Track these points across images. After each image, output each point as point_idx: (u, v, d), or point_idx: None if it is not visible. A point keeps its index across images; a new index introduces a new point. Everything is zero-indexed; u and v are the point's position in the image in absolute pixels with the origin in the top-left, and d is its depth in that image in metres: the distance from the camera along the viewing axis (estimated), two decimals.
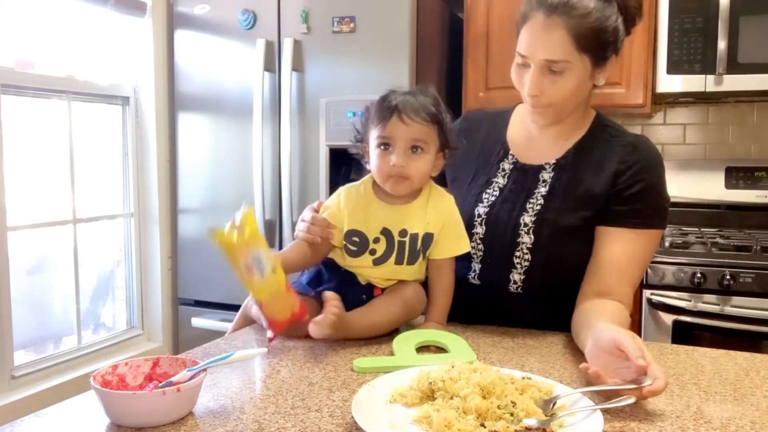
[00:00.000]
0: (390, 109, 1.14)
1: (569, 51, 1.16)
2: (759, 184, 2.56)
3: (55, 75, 2.43)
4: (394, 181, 1.16)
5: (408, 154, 1.14)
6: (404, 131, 1.14)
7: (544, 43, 1.16)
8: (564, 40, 1.15)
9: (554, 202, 1.25)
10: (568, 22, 1.15)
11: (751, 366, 1.07)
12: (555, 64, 1.17)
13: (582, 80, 1.20)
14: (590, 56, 1.18)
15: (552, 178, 1.27)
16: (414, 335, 1.14)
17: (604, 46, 1.19)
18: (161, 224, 2.79)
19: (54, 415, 0.86)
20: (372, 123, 1.17)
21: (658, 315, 2.12)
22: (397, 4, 2.30)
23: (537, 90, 1.20)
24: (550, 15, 1.15)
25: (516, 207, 1.27)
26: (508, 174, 1.32)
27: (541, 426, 0.79)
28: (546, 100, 1.21)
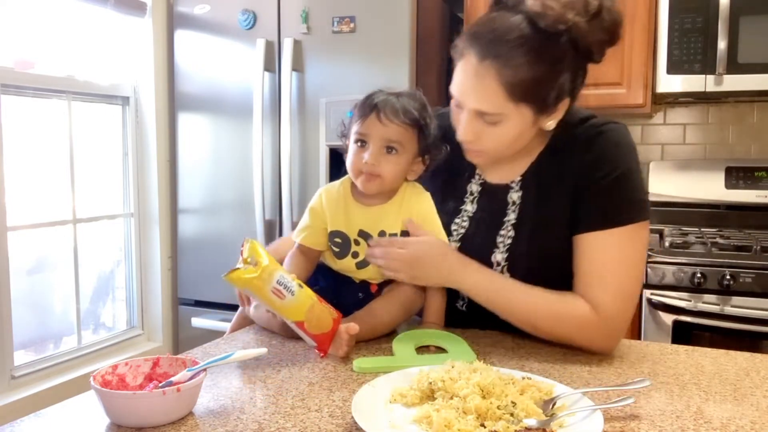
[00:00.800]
0: (370, 107, 1.13)
1: (502, 103, 1.04)
2: (759, 184, 2.56)
3: (55, 75, 2.43)
4: (365, 178, 1.14)
5: (382, 153, 1.12)
6: (380, 130, 1.12)
7: (475, 92, 1.05)
8: (496, 92, 1.03)
9: (524, 230, 1.16)
10: (500, 72, 1.01)
11: (751, 366, 1.07)
12: (488, 115, 1.06)
13: (522, 129, 1.08)
14: (530, 106, 1.05)
15: (520, 200, 1.18)
16: (414, 336, 1.14)
17: (545, 96, 1.05)
18: (161, 224, 2.79)
19: (54, 415, 0.86)
20: (354, 118, 1.16)
21: (658, 315, 2.12)
22: (397, 4, 2.30)
23: (471, 136, 1.09)
24: (482, 59, 1.02)
25: (486, 241, 1.19)
26: (476, 198, 1.23)
27: (541, 426, 0.79)
28: (481, 146, 1.11)
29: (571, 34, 1.02)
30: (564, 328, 1.11)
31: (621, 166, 1.12)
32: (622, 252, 1.10)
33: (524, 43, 1.01)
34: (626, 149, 1.15)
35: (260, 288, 1.02)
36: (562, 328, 1.12)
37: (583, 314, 1.09)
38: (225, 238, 2.63)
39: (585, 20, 1.02)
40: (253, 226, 2.54)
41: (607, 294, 1.09)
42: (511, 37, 1.01)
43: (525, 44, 1.01)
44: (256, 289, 1.02)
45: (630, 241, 1.11)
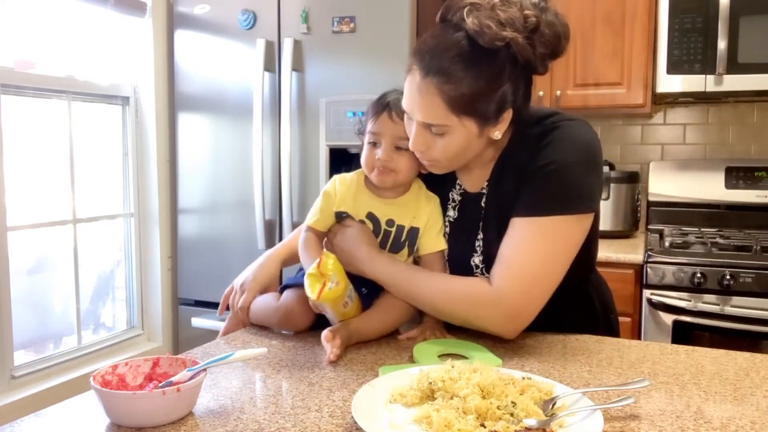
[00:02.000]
0: (382, 106, 1.17)
1: (445, 116, 1.06)
2: (759, 184, 2.56)
3: (55, 75, 2.43)
4: (378, 172, 1.18)
5: (394, 150, 1.17)
6: (392, 128, 1.16)
7: (419, 105, 1.08)
8: (438, 105, 1.06)
9: (491, 230, 1.19)
10: (441, 87, 1.04)
11: (751, 366, 1.07)
12: (434, 126, 1.08)
13: (468, 140, 1.10)
14: (473, 119, 1.08)
15: (485, 203, 1.21)
16: (434, 344, 1.13)
17: (486, 109, 1.07)
18: (161, 224, 2.79)
19: (54, 415, 0.86)
20: (367, 117, 1.21)
21: (658, 315, 2.12)
22: (397, 4, 2.31)
23: (421, 146, 1.11)
24: (425, 75, 1.06)
25: (465, 246, 1.22)
26: (457, 205, 1.26)
27: (541, 426, 0.79)
28: (431, 155, 1.13)
29: (509, 50, 1.04)
30: (462, 307, 1.13)
31: (558, 159, 1.12)
32: (536, 240, 1.11)
33: (463, 60, 1.04)
34: (575, 144, 1.14)
35: (336, 304, 1.11)
36: (461, 308, 1.14)
37: (479, 292, 1.11)
38: (225, 238, 2.63)
39: (523, 36, 1.04)
40: (253, 226, 2.54)
41: (509, 272, 1.10)
42: (450, 54, 1.05)
43: (463, 60, 1.04)
44: (333, 305, 1.11)
45: (548, 233, 1.11)
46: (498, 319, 1.11)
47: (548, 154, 1.12)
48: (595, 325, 1.32)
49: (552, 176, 1.11)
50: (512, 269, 1.10)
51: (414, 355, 1.08)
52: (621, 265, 2.21)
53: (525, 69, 1.09)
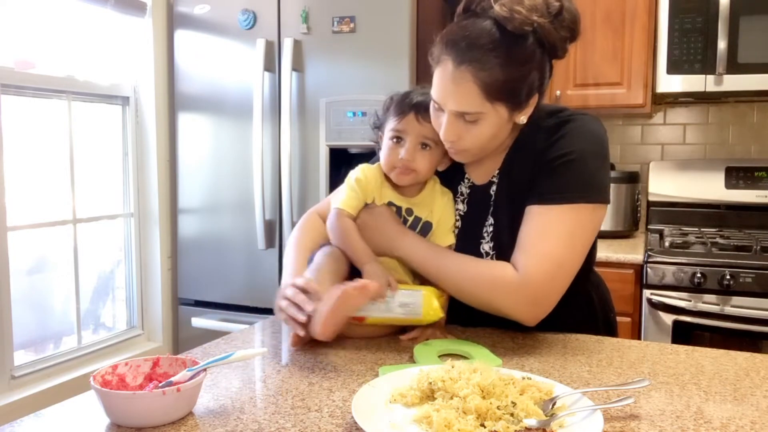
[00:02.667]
0: (409, 106, 1.20)
1: (480, 103, 1.10)
2: (759, 184, 2.56)
3: (55, 75, 2.43)
4: (399, 171, 1.21)
5: (417, 150, 1.20)
6: (417, 128, 1.19)
7: (454, 94, 1.10)
8: (473, 93, 1.09)
9: (502, 216, 1.21)
10: (476, 75, 1.07)
11: (751, 366, 1.07)
12: (468, 114, 1.11)
13: (499, 126, 1.14)
14: (505, 104, 1.11)
15: (495, 191, 1.24)
16: (435, 344, 1.13)
17: (518, 94, 1.11)
18: (161, 224, 2.79)
19: (54, 415, 0.86)
20: (390, 115, 1.23)
21: (658, 315, 2.12)
22: (397, 4, 2.30)
23: (453, 136, 1.14)
24: (459, 65, 1.08)
25: (475, 235, 1.24)
26: (466, 198, 1.29)
27: (541, 426, 0.79)
28: (463, 145, 1.16)
29: (536, 35, 1.09)
30: (486, 290, 1.14)
31: (577, 149, 1.15)
32: (558, 226, 1.13)
33: (496, 47, 1.08)
34: (588, 136, 1.18)
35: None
36: (485, 291, 1.15)
37: (505, 275, 1.13)
38: (225, 238, 2.63)
39: (548, 21, 1.09)
40: (253, 226, 2.54)
41: (534, 258, 1.12)
42: (483, 41, 1.08)
43: (496, 48, 1.08)
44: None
45: (570, 219, 1.14)
46: (522, 305, 1.13)
47: (566, 144, 1.16)
48: (594, 322, 1.33)
49: (572, 165, 1.14)
50: (537, 255, 1.12)
51: (414, 355, 1.08)
52: (621, 265, 2.21)
53: (549, 54, 1.13)
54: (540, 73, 1.13)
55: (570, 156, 1.14)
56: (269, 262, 2.55)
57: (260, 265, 2.55)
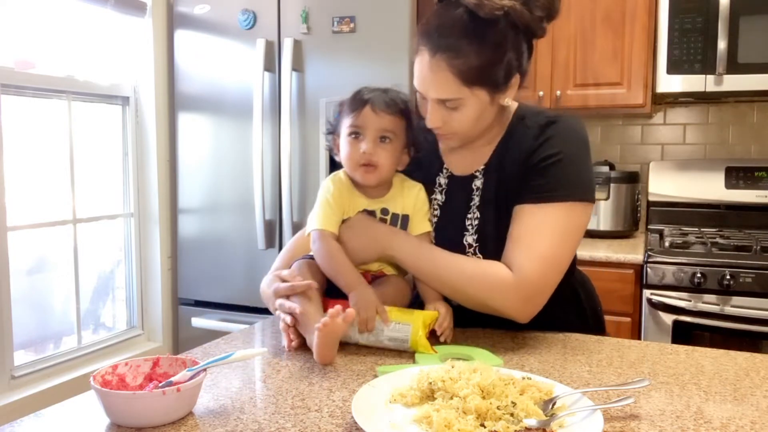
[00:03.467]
0: (363, 101, 1.20)
1: (458, 89, 1.12)
2: (759, 184, 2.56)
3: (55, 75, 2.43)
4: (364, 170, 1.19)
5: (377, 143, 1.18)
6: (375, 121, 1.18)
7: (432, 83, 1.13)
8: (450, 80, 1.11)
9: (487, 211, 1.23)
10: (451, 63, 1.10)
11: (751, 366, 1.07)
12: (448, 101, 1.14)
13: (482, 109, 1.16)
14: (483, 88, 1.13)
15: (482, 185, 1.25)
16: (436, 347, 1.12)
17: (495, 77, 1.13)
18: (161, 224, 2.79)
19: (54, 415, 0.86)
20: (344, 114, 1.22)
21: (658, 315, 2.12)
22: (397, 4, 2.31)
23: (438, 122, 1.17)
24: (434, 54, 1.11)
25: (457, 226, 1.25)
26: (444, 189, 1.30)
27: (541, 426, 0.79)
28: (448, 129, 1.18)
29: (508, 18, 1.10)
30: (482, 290, 1.15)
31: (565, 150, 1.18)
32: (550, 224, 1.16)
33: (467, 34, 1.10)
34: (575, 138, 1.21)
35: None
36: (481, 290, 1.15)
37: (500, 275, 1.14)
38: (225, 238, 2.63)
39: (519, 3, 1.10)
40: (253, 226, 2.54)
41: (527, 256, 1.14)
42: (455, 29, 1.11)
43: (468, 35, 1.10)
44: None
45: (561, 217, 1.16)
46: (516, 303, 1.14)
47: (554, 145, 1.17)
48: (584, 317, 1.36)
49: (561, 165, 1.16)
50: (531, 253, 1.13)
51: (416, 357, 1.08)
52: (621, 265, 2.21)
53: (525, 34, 1.15)
54: (516, 54, 1.14)
55: (558, 156, 1.16)
56: (269, 262, 2.53)
57: (260, 265, 2.55)
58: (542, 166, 1.17)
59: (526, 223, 1.16)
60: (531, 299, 1.15)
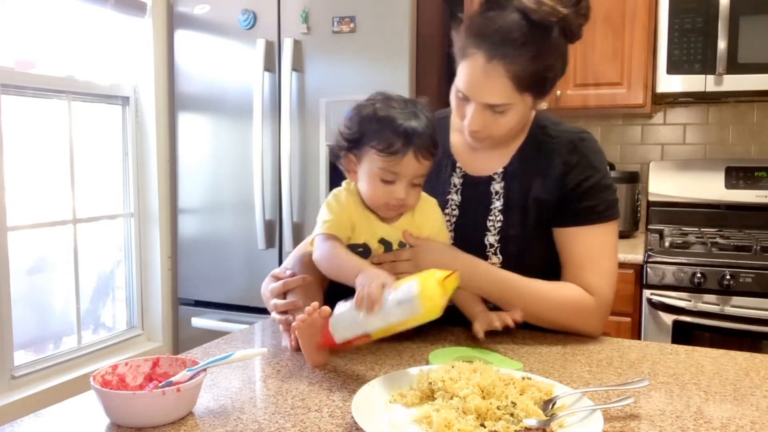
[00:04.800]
0: (405, 143, 1.07)
1: (510, 95, 1.13)
2: (759, 184, 2.55)
3: (55, 75, 2.43)
4: (389, 208, 1.13)
5: (411, 187, 1.12)
6: (415, 168, 1.10)
7: (485, 88, 1.12)
8: (505, 86, 1.11)
9: (511, 215, 1.25)
10: (509, 68, 1.10)
11: (751, 366, 1.07)
12: (497, 106, 1.14)
13: (524, 115, 1.19)
14: (532, 94, 1.15)
15: (503, 189, 1.26)
16: (451, 351, 1.12)
17: (544, 82, 1.15)
18: (161, 224, 2.79)
19: (54, 415, 0.86)
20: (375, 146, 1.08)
21: (658, 315, 2.12)
22: (397, 4, 2.30)
23: (479, 126, 1.17)
24: (490, 59, 1.10)
25: (477, 226, 1.26)
26: (459, 189, 1.30)
27: (541, 426, 0.79)
28: (487, 133, 1.19)
29: (561, 24, 1.12)
30: (568, 315, 1.21)
31: (603, 170, 1.26)
32: (607, 242, 1.24)
33: (527, 41, 1.10)
34: (603, 156, 1.29)
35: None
36: (564, 315, 1.21)
37: (582, 299, 1.20)
38: (225, 238, 2.63)
39: (571, 10, 1.12)
40: (253, 226, 2.54)
41: (599, 279, 1.21)
42: (514, 36, 1.10)
43: (527, 42, 1.10)
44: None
45: (611, 234, 1.25)
46: (597, 323, 1.22)
47: (592, 164, 1.24)
48: None
49: (602, 186, 1.24)
50: (602, 274, 1.22)
51: (429, 361, 1.06)
52: (621, 265, 2.18)
53: (570, 40, 1.17)
54: (563, 61, 1.17)
55: (597, 176, 1.23)
56: (269, 262, 2.54)
57: (260, 265, 2.55)
58: (586, 187, 1.22)
59: (588, 245, 1.22)
60: (606, 316, 1.23)
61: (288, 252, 2.48)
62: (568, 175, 1.23)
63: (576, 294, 1.20)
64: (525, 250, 1.24)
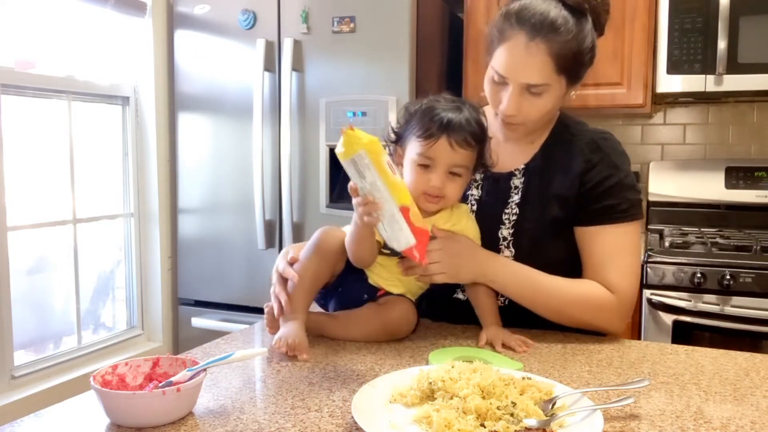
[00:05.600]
0: (440, 128, 1.11)
1: (550, 75, 1.16)
2: (759, 184, 2.56)
3: (55, 75, 2.43)
4: (428, 198, 1.15)
5: (447, 176, 1.13)
6: (449, 156, 1.12)
7: (526, 67, 1.16)
8: (546, 65, 1.15)
9: (528, 209, 1.27)
10: (551, 47, 1.14)
11: (751, 366, 1.07)
12: (535, 87, 1.17)
13: (558, 99, 1.22)
14: (567, 76, 1.19)
15: (523, 184, 1.29)
16: (451, 351, 1.12)
17: (581, 66, 1.21)
18: (161, 224, 2.79)
19: (54, 415, 0.86)
20: (415, 133, 1.14)
21: (658, 315, 2.12)
22: (397, 4, 2.30)
23: (515, 110, 1.20)
24: (533, 38, 1.15)
25: (493, 220, 1.27)
26: (480, 184, 1.32)
27: (541, 426, 0.79)
28: (522, 118, 1.21)
29: (592, 15, 1.19)
30: (585, 311, 1.22)
31: (625, 170, 1.27)
32: (629, 242, 1.25)
33: (567, 22, 1.16)
34: (625, 156, 1.30)
35: (378, 153, 0.98)
36: (584, 312, 1.22)
37: (602, 296, 1.21)
38: (225, 238, 2.63)
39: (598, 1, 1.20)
40: (253, 226, 2.54)
41: (620, 277, 1.22)
42: (555, 18, 1.15)
43: (567, 22, 1.16)
44: (374, 153, 0.98)
45: (633, 233, 1.26)
46: (618, 320, 1.24)
47: (616, 166, 1.25)
48: None
49: (626, 186, 1.25)
50: (623, 273, 1.22)
51: (429, 361, 1.06)
52: None
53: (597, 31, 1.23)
54: (593, 52, 1.22)
55: (619, 175, 1.25)
56: (269, 262, 2.54)
57: (260, 265, 2.55)
58: (608, 185, 1.23)
59: (609, 243, 1.23)
60: (628, 314, 1.25)
61: None
62: (590, 172, 1.24)
63: (596, 291, 1.21)
64: (538, 245, 1.25)
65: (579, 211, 1.25)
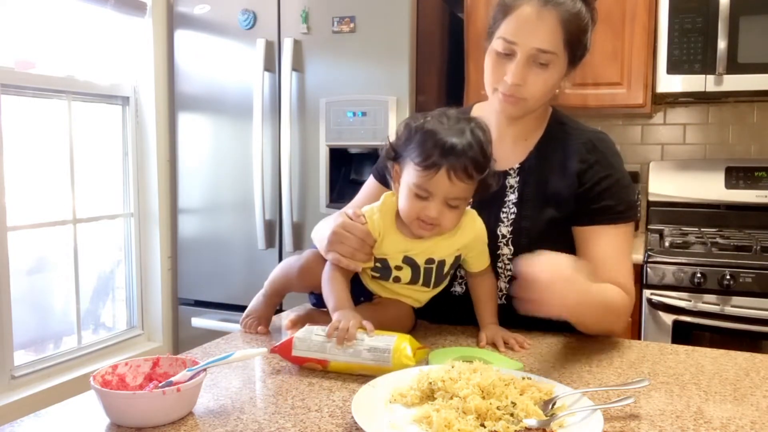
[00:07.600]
0: (441, 156, 1.04)
1: (558, 43, 1.18)
2: (759, 184, 2.55)
3: (55, 75, 2.43)
4: (420, 225, 1.10)
5: (445, 207, 1.08)
6: (447, 189, 1.06)
7: (537, 31, 1.17)
8: (556, 31, 1.17)
9: (526, 209, 1.27)
10: (561, 14, 1.17)
11: (751, 366, 1.07)
12: (543, 55, 1.18)
13: (559, 76, 1.23)
14: (570, 53, 1.21)
15: (519, 183, 1.29)
16: (451, 351, 1.11)
17: (582, 45, 1.23)
18: (161, 224, 2.79)
19: (54, 415, 0.86)
20: (414, 159, 1.07)
21: (658, 315, 2.12)
22: (397, 4, 2.30)
23: (521, 79, 1.19)
24: (545, 4, 1.17)
25: (491, 217, 1.26)
26: None
27: (541, 426, 0.79)
28: (525, 92, 1.21)
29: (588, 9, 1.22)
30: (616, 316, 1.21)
31: (622, 170, 1.28)
32: (626, 242, 1.27)
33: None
34: (620, 157, 1.31)
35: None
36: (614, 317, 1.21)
37: (625, 301, 1.21)
38: (225, 238, 2.63)
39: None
40: (253, 226, 2.54)
41: (626, 278, 1.23)
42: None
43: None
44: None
45: (630, 234, 1.28)
46: (625, 322, 1.25)
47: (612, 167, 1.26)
48: None
49: (622, 188, 1.26)
50: (627, 274, 1.24)
51: (429, 361, 1.06)
52: None
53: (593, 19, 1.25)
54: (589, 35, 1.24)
55: (616, 175, 1.25)
56: (269, 262, 2.54)
57: (260, 265, 2.55)
58: (605, 186, 1.24)
59: (609, 244, 1.24)
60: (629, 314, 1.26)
61: (288, 252, 2.48)
62: (586, 173, 1.25)
63: (620, 296, 1.20)
64: (537, 243, 1.23)
65: (577, 210, 1.25)
